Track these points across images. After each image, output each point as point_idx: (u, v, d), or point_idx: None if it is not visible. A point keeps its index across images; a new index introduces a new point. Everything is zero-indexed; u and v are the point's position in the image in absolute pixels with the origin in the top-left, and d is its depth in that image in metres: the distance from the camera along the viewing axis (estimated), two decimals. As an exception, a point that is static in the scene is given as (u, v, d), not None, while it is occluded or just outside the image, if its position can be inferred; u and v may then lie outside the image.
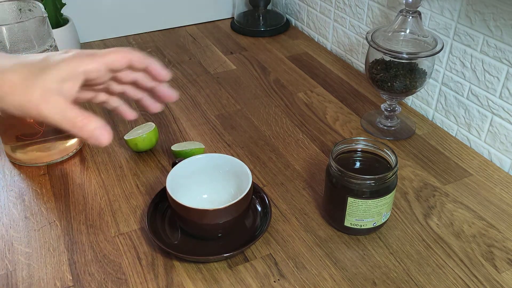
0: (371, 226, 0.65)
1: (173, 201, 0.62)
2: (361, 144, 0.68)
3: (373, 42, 0.80)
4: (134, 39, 1.23)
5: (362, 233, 0.66)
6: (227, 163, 0.68)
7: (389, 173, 0.62)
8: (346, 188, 0.63)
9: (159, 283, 0.61)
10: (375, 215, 0.64)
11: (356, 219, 0.64)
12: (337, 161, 0.65)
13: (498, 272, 0.62)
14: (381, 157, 0.67)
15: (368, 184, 0.62)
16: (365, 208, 0.63)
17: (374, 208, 0.63)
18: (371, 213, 0.63)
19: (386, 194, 0.63)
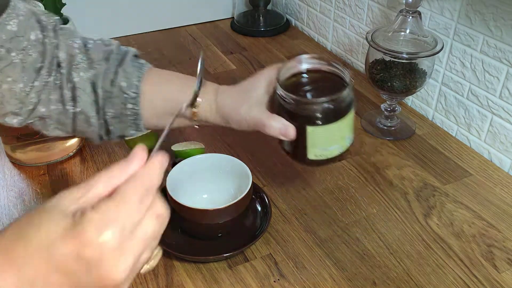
0: (337, 153, 0.58)
1: (173, 201, 0.62)
2: (307, 64, 0.60)
3: (373, 42, 0.80)
4: (134, 39, 1.23)
5: (330, 162, 0.59)
6: (227, 163, 0.68)
7: (345, 90, 0.55)
8: (303, 117, 0.56)
9: (159, 283, 0.61)
10: (339, 140, 0.58)
11: (320, 149, 0.57)
12: (286, 88, 0.56)
13: (498, 272, 0.62)
14: (332, 74, 0.60)
15: (327, 106, 0.55)
16: (328, 135, 0.56)
17: (338, 131, 0.57)
18: (335, 138, 0.57)
19: (347, 113, 0.56)
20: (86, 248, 0.33)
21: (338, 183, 0.76)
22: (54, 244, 0.33)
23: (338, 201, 0.73)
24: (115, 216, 0.34)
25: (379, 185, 0.76)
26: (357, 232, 0.68)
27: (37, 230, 0.33)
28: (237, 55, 1.15)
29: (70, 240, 0.33)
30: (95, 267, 0.34)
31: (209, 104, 0.62)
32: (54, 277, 0.33)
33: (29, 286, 0.33)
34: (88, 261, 0.33)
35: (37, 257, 0.33)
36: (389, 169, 0.79)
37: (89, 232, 0.33)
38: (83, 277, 0.34)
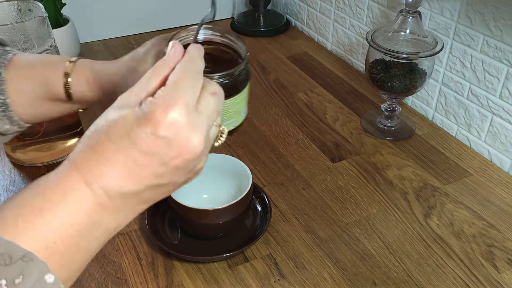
0: (232, 127, 0.56)
1: (173, 201, 0.62)
2: (200, 34, 0.57)
3: (373, 42, 0.80)
4: (134, 39, 1.23)
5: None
6: (227, 163, 0.68)
7: (241, 64, 0.53)
8: None
9: (159, 283, 0.61)
10: (234, 115, 0.56)
11: None
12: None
13: (498, 272, 0.62)
14: (227, 46, 0.58)
15: (222, 82, 0.52)
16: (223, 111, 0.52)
17: (232, 107, 0.55)
18: (230, 114, 0.55)
19: (243, 88, 0.55)
20: (159, 128, 0.36)
21: (338, 183, 0.76)
22: (132, 130, 0.37)
23: (338, 201, 0.73)
24: (176, 97, 0.37)
25: (379, 185, 0.76)
26: (357, 232, 0.68)
27: (115, 126, 0.37)
28: (237, 55, 1.15)
29: (143, 125, 0.36)
30: (173, 142, 0.37)
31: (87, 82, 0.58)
32: (142, 159, 0.37)
33: (123, 170, 0.37)
34: (164, 138, 0.37)
35: (122, 146, 0.37)
36: (389, 169, 0.79)
37: (158, 114, 0.36)
38: (166, 154, 0.37)
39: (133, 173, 0.37)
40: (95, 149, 0.37)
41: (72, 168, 0.37)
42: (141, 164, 0.37)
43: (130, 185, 0.37)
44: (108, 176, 0.37)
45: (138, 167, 0.37)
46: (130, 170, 0.37)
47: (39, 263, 0.32)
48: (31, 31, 0.75)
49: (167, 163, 0.38)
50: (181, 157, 0.38)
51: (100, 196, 0.36)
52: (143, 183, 0.38)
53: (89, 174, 0.36)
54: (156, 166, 0.38)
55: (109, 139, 0.37)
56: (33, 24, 0.75)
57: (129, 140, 0.37)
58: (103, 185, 0.36)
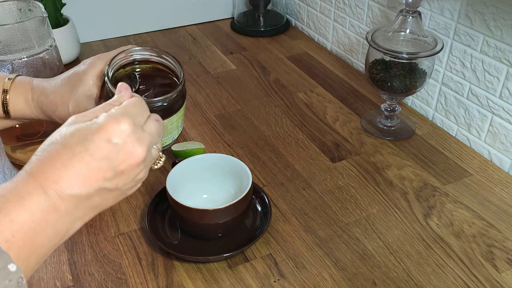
0: (171, 141, 0.60)
1: (173, 201, 0.62)
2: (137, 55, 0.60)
3: (373, 42, 0.80)
4: (134, 39, 1.23)
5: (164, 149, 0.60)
6: (227, 163, 0.68)
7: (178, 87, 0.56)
8: None
9: (159, 283, 0.61)
10: (173, 130, 0.59)
11: None
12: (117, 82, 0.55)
13: (498, 272, 0.62)
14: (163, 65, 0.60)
15: (160, 105, 0.56)
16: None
17: (171, 125, 0.58)
18: (169, 130, 0.58)
19: (180, 108, 0.57)
20: (112, 135, 0.43)
21: (338, 183, 0.76)
22: (86, 139, 0.42)
23: (338, 201, 0.73)
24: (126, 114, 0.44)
25: (379, 185, 0.76)
26: (357, 232, 0.68)
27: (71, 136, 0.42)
28: (237, 55, 1.15)
29: (98, 132, 0.42)
30: (121, 148, 0.43)
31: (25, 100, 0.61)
32: (94, 163, 0.42)
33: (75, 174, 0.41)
34: (115, 145, 0.43)
35: (76, 152, 0.41)
36: (389, 169, 0.79)
37: (110, 124, 0.43)
38: (115, 158, 0.43)
39: (86, 177, 0.42)
40: (51, 157, 0.41)
41: (29, 177, 0.40)
42: (93, 168, 0.42)
43: (83, 188, 0.41)
44: (63, 180, 0.40)
45: (90, 171, 0.42)
46: (83, 174, 0.41)
47: (2, 253, 0.35)
48: (31, 31, 0.75)
49: (115, 168, 0.43)
50: (127, 162, 0.44)
51: (54, 199, 0.40)
52: (94, 186, 0.42)
53: (45, 180, 0.40)
54: (106, 170, 0.43)
55: (64, 147, 0.42)
56: (33, 24, 0.75)
57: (83, 146, 0.42)
58: (58, 188, 0.40)
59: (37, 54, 0.77)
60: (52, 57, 0.80)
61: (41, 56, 0.78)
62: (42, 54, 0.77)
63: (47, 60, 0.79)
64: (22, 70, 0.77)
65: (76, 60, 1.12)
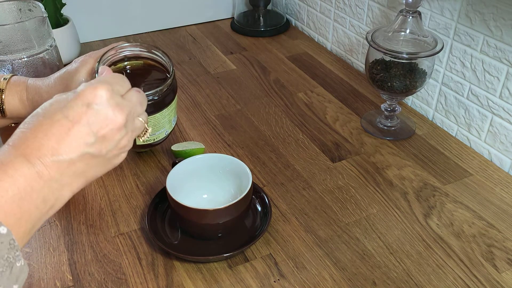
0: (164, 135, 0.61)
1: (173, 201, 0.62)
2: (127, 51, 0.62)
3: (373, 42, 0.80)
4: (134, 39, 1.23)
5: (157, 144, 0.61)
6: (227, 163, 0.68)
7: (168, 81, 0.57)
8: None
9: (159, 283, 0.61)
10: (166, 124, 0.60)
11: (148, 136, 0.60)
12: None
13: (498, 272, 0.62)
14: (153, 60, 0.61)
15: (152, 98, 0.57)
16: (155, 122, 0.58)
17: (163, 118, 0.59)
18: (161, 124, 0.59)
19: (172, 101, 0.58)
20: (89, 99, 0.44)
21: (338, 183, 0.76)
22: (65, 106, 0.44)
23: (338, 201, 0.73)
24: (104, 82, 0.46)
25: (379, 185, 0.76)
26: (357, 232, 0.68)
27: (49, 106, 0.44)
28: (237, 55, 1.15)
29: (75, 99, 0.44)
30: (100, 112, 0.44)
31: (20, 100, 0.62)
32: (74, 129, 0.43)
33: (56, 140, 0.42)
34: (93, 109, 0.44)
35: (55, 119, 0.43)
36: (389, 169, 0.79)
37: (88, 90, 0.44)
38: (94, 123, 0.44)
39: (67, 142, 0.43)
40: (33, 128, 0.43)
41: (11, 148, 0.42)
42: (73, 134, 0.43)
43: (64, 153, 0.43)
44: (45, 147, 0.42)
45: (71, 136, 0.43)
46: (64, 140, 0.43)
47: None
48: (31, 31, 0.75)
49: (96, 133, 0.44)
50: (107, 127, 0.45)
51: (37, 165, 0.41)
52: (76, 151, 0.43)
53: (26, 148, 0.41)
54: (86, 135, 0.44)
55: (44, 117, 0.43)
56: (33, 24, 0.75)
57: (62, 113, 0.43)
58: (40, 155, 0.42)
59: (37, 54, 0.77)
60: (52, 57, 0.80)
61: (41, 56, 0.78)
62: (42, 54, 0.78)
63: (47, 60, 0.79)
64: (22, 70, 0.77)
65: (76, 60, 1.12)
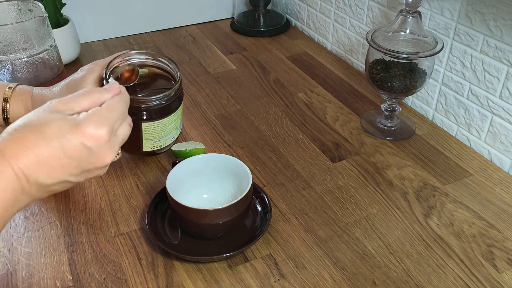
0: (170, 142, 0.62)
1: (173, 201, 0.62)
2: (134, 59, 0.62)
3: (373, 42, 0.80)
4: (134, 39, 1.23)
5: (163, 150, 0.62)
6: (227, 163, 0.68)
7: (175, 86, 0.58)
8: (136, 114, 0.58)
9: (159, 283, 0.61)
10: (172, 130, 0.61)
11: (154, 141, 0.60)
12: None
13: (498, 272, 0.62)
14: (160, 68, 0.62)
15: (159, 103, 0.58)
16: (161, 128, 0.59)
17: (170, 124, 0.59)
18: (168, 130, 0.60)
19: (178, 107, 0.59)
20: (89, 140, 0.46)
21: (338, 183, 0.76)
22: (65, 137, 0.45)
23: (338, 201, 0.73)
24: (107, 118, 0.47)
25: (379, 185, 0.76)
26: (357, 232, 0.68)
27: (49, 127, 0.45)
28: (237, 55, 1.15)
29: (76, 134, 0.45)
30: (95, 153, 0.46)
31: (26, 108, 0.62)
32: (65, 161, 0.45)
33: (46, 165, 0.44)
34: (90, 148, 0.46)
35: (51, 145, 0.44)
36: (389, 169, 0.79)
37: (90, 128, 0.46)
38: (85, 161, 0.46)
39: (54, 170, 0.45)
40: (26, 143, 0.44)
41: (1, 156, 0.43)
42: (62, 164, 0.45)
43: (48, 178, 0.45)
44: (33, 168, 0.44)
45: (59, 165, 0.45)
46: (52, 167, 0.45)
47: None
48: (31, 31, 0.75)
49: (83, 167, 0.47)
50: (94, 165, 0.47)
51: (23, 181, 0.44)
52: (59, 178, 0.46)
53: (16, 163, 0.43)
54: (73, 168, 0.46)
55: (42, 137, 0.44)
56: (33, 24, 0.75)
57: (59, 142, 0.44)
58: (27, 174, 0.43)
59: (37, 54, 0.77)
60: (52, 57, 0.80)
61: (41, 56, 0.78)
62: (42, 54, 0.78)
63: (47, 60, 0.79)
64: (22, 70, 0.77)
65: (76, 60, 1.12)
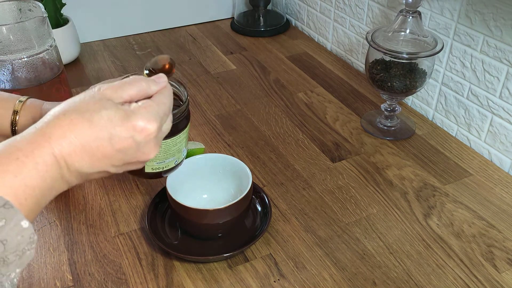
0: (173, 165, 0.61)
1: (173, 201, 0.62)
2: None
3: (373, 42, 0.80)
4: (134, 39, 1.23)
5: (166, 173, 0.61)
6: (227, 163, 0.68)
7: (182, 107, 0.58)
8: None
9: (159, 283, 0.61)
10: (176, 153, 0.60)
11: (157, 162, 0.59)
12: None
13: (498, 272, 0.62)
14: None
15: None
16: (165, 149, 0.58)
17: (174, 146, 0.59)
18: (171, 152, 0.59)
19: (184, 128, 0.59)
20: (139, 134, 0.45)
21: (338, 183, 0.76)
22: (114, 128, 0.44)
23: (338, 201, 0.73)
24: (157, 113, 0.46)
25: (379, 185, 0.76)
26: (357, 232, 0.68)
27: (99, 115, 0.43)
28: (237, 55, 1.15)
29: (126, 127, 0.44)
30: (141, 147, 0.46)
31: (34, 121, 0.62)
32: (111, 152, 0.44)
33: (90, 155, 0.43)
34: (138, 142, 0.45)
35: (100, 135, 0.43)
36: (389, 169, 0.79)
37: (141, 123, 0.45)
38: (131, 153, 0.45)
39: (97, 160, 0.44)
40: (73, 129, 0.42)
41: (46, 142, 0.42)
42: (107, 155, 0.44)
43: (90, 168, 0.44)
44: (77, 156, 0.43)
45: (104, 156, 0.44)
46: (96, 157, 0.44)
47: (16, 211, 0.37)
48: (31, 31, 0.75)
49: (126, 160, 0.46)
50: (137, 159, 0.47)
51: (63, 169, 0.42)
52: (100, 168, 0.45)
53: (60, 151, 0.42)
54: (117, 160, 0.45)
55: (90, 125, 0.43)
56: (33, 24, 0.75)
57: (108, 133, 0.43)
58: (69, 162, 0.42)
59: (37, 54, 0.77)
60: (52, 57, 0.80)
61: (41, 56, 0.78)
62: (42, 54, 0.78)
63: (47, 60, 0.79)
64: (22, 70, 0.77)
65: (76, 60, 1.12)
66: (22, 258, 0.38)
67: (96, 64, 1.11)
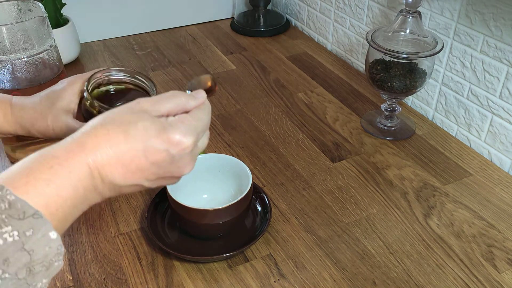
0: None
1: (173, 201, 0.62)
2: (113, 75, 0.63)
3: (373, 42, 0.80)
4: (134, 39, 1.23)
5: None
6: (227, 163, 0.68)
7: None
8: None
9: (159, 283, 0.61)
10: None
11: None
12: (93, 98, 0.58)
13: (498, 272, 0.62)
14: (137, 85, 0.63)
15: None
16: None
17: None
18: None
19: None
20: (174, 147, 0.44)
21: (338, 183, 0.76)
22: (150, 140, 0.43)
23: (338, 201, 0.73)
24: (194, 128, 0.46)
25: (379, 185, 0.76)
26: (357, 232, 0.68)
27: (135, 127, 0.43)
28: (237, 55, 1.15)
29: (162, 139, 0.43)
30: (176, 161, 0.45)
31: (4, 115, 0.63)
32: (145, 164, 0.43)
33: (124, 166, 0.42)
34: (173, 156, 0.44)
35: (135, 147, 0.42)
36: (389, 169, 0.79)
37: (177, 136, 0.44)
38: (165, 167, 0.45)
39: (130, 172, 0.43)
40: (109, 139, 0.42)
41: (81, 152, 0.41)
42: (141, 168, 0.43)
43: (123, 180, 0.43)
44: (111, 168, 0.42)
45: (137, 169, 0.43)
46: (130, 169, 0.43)
47: (46, 221, 0.37)
48: (31, 31, 0.75)
49: (160, 174, 0.45)
50: (172, 174, 0.46)
51: (97, 180, 0.42)
52: (133, 181, 0.44)
53: (94, 161, 0.41)
54: (151, 173, 0.44)
55: (126, 137, 0.42)
56: (33, 24, 0.75)
57: (143, 146, 0.43)
58: (103, 173, 0.42)
59: (37, 54, 0.77)
60: (52, 57, 0.80)
61: (41, 56, 0.78)
62: (42, 54, 0.78)
63: (47, 60, 0.79)
64: (22, 70, 0.77)
65: (76, 60, 1.12)
66: (49, 269, 0.37)
67: (96, 64, 1.11)
